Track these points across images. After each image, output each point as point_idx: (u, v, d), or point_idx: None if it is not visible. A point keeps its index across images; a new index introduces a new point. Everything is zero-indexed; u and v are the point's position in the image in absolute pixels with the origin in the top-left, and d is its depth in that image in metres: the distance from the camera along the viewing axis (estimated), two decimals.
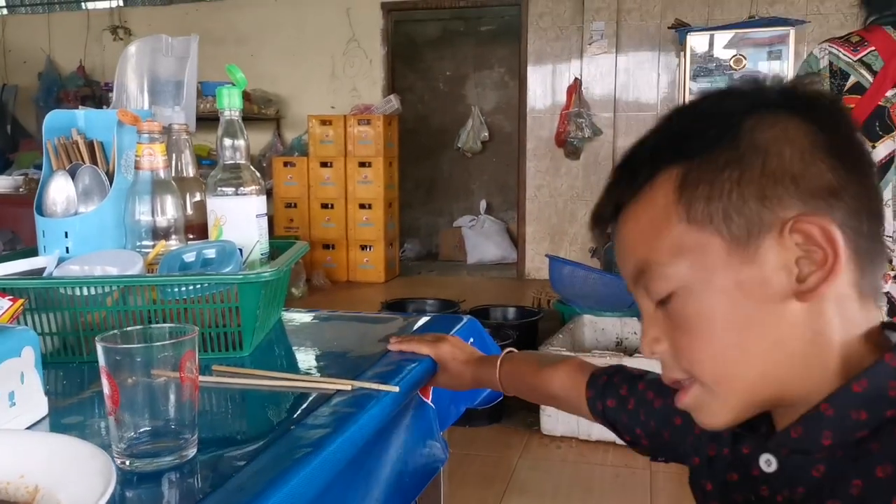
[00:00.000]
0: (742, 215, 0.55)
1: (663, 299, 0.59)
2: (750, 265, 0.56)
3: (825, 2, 5.54)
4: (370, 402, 0.88)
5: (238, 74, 1.20)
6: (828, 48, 2.25)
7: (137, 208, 1.13)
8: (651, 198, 0.59)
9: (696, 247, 0.57)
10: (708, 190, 0.56)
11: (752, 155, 0.56)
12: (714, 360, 0.58)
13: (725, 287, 0.56)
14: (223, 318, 1.06)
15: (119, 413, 0.71)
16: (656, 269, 0.59)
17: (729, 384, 0.58)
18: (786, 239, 0.55)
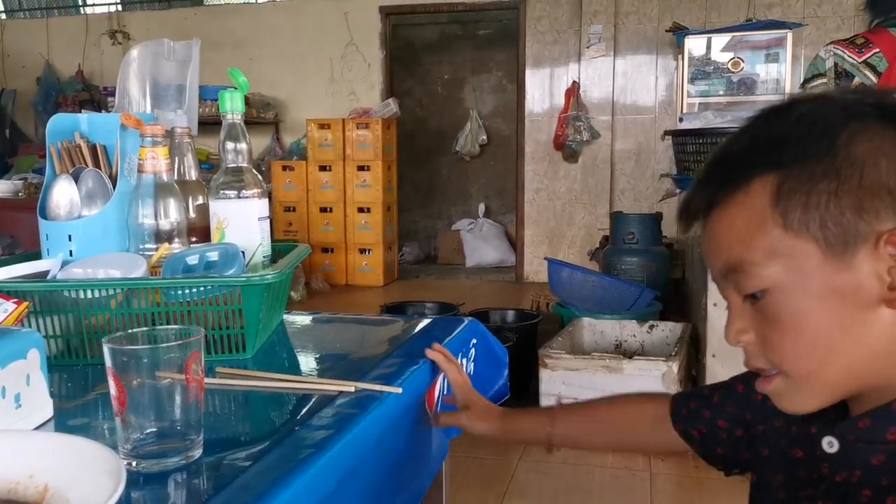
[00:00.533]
0: (839, 225, 0.58)
1: (753, 294, 0.62)
2: (844, 272, 0.58)
3: (822, 5, 5.57)
4: (373, 404, 0.89)
5: (240, 78, 1.21)
6: (833, 49, 2.27)
7: (140, 211, 1.14)
8: (747, 201, 0.61)
9: (792, 252, 0.60)
10: (805, 199, 0.58)
11: (848, 167, 0.57)
12: (802, 357, 0.61)
13: (819, 291, 0.59)
14: (226, 320, 1.07)
15: (125, 414, 0.72)
16: (750, 269, 0.62)
17: (815, 379, 0.62)
18: (880, 250, 0.57)
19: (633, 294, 3.65)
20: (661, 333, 3.42)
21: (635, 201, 6.07)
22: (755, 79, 4.86)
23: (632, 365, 2.86)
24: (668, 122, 5.90)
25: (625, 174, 6.15)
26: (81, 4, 7.39)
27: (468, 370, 1.24)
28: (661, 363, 2.82)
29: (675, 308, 4.11)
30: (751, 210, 0.61)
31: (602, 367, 2.89)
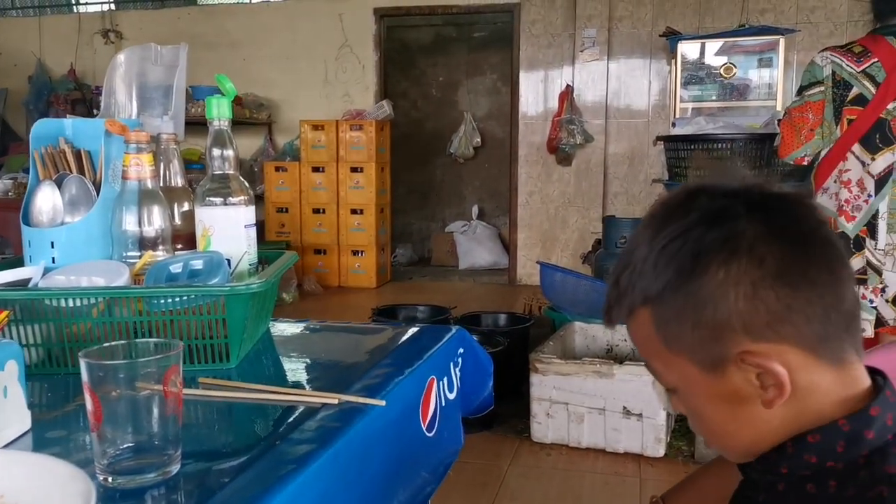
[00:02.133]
0: (703, 350, 0.68)
1: None
2: (721, 382, 0.68)
3: (815, 11, 5.58)
4: (357, 417, 0.88)
5: (227, 84, 1.20)
6: (830, 57, 2.25)
7: (124, 218, 1.13)
8: (637, 326, 0.72)
9: (678, 366, 0.70)
10: (674, 329, 0.69)
11: (701, 300, 0.66)
12: (710, 438, 0.75)
13: (707, 395, 0.70)
14: (210, 329, 1.06)
15: (102, 429, 0.70)
16: (656, 372, 0.74)
17: (725, 450, 0.75)
18: (743, 365, 0.67)
19: None
20: None
21: (628, 205, 6.07)
22: (748, 84, 4.87)
23: (623, 370, 2.86)
24: (662, 125, 5.91)
25: (618, 178, 6.15)
26: (74, 3, 7.35)
27: (456, 380, 1.23)
28: None
29: None
30: (642, 333, 0.72)
31: (593, 371, 2.89)
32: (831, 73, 2.23)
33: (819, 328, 0.66)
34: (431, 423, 1.10)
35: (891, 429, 0.66)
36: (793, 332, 0.65)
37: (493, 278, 6.75)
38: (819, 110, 2.24)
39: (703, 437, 0.76)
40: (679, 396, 0.73)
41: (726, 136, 2.85)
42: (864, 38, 2.28)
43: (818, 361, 0.67)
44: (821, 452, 0.66)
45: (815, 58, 2.29)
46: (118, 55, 1.35)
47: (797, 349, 0.66)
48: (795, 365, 0.66)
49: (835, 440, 0.66)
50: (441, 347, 1.19)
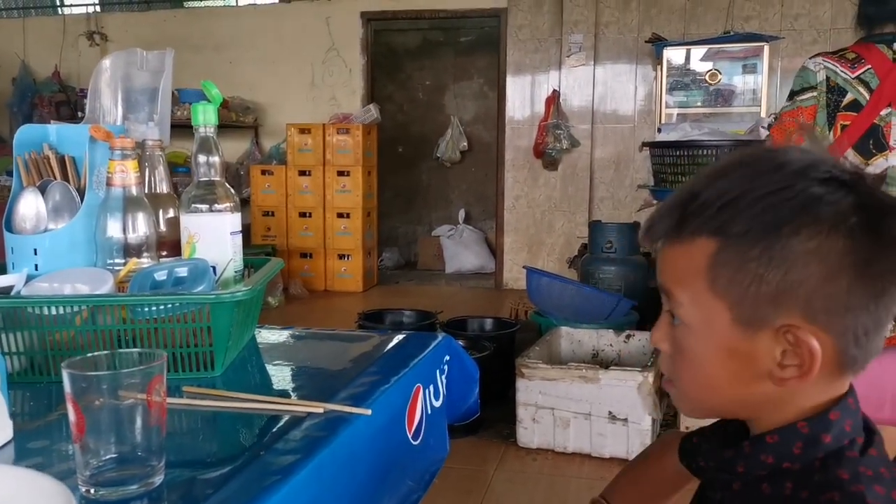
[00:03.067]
0: (753, 307, 0.65)
1: (674, 317, 0.72)
2: (745, 341, 0.67)
3: (798, 19, 5.63)
4: (342, 426, 0.88)
5: (213, 90, 1.19)
6: (823, 63, 2.25)
7: (108, 225, 1.12)
8: (689, 251, 0.68)
9: (709, 307, 0.67)
10: (732, 273, 0.65)
11: (779, 260, 0.63)
12: (692, 386, 0.72)
13: (720, 345, 0.68)
14: (195, 337, 1.05)
15: (84, 440, 0.70)
16: (675, 302, 0.71)
17: (697, 402, 0.73)
18: (780, 336, 0.65)
19: (610, 303, 3.66)
20: (637, 343, 3.43)
21: (614, 210, 6.10)
22: (733, 90, 4.90)
23: (608, 375, 2.87)
24: (647, 131, 5.94)
25: (604, 182, 6.17)
26: (59, 5, 7.30)
27: (442, 387, 1.23)
28: (636, 373, 2.83)
29: (652, 318, 4.12)
30: (689, 260, 0.68)
31: (579, 376, 2.90)
32: (825, 78, 2.24)
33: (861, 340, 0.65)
34: (417, 431, 1.10)
35: (848, 434, 0.66)
36: (840, 330, 0.64)
37: (480, 282, 6.75)
38: (810, 115, 2.25)
39: (671, 377, 0.73)
40: (680, 331, 0.70)
41: (712, 142, 2.87)
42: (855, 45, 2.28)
43: (837, 365, 0.66)
44: (778, 453, 0.67)
45: (808, 63, 2.29)
46: (103, 60, 1.34)
47: (833, 346, 0.65)
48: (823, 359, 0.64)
49: (792, 441, 0.66)
50: (427, 355, 1.19)
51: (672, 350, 0.72)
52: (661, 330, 0.73)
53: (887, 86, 2.17)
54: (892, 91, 2.17)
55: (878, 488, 0.63)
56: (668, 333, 0.72)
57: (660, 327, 0.73)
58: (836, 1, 5.55)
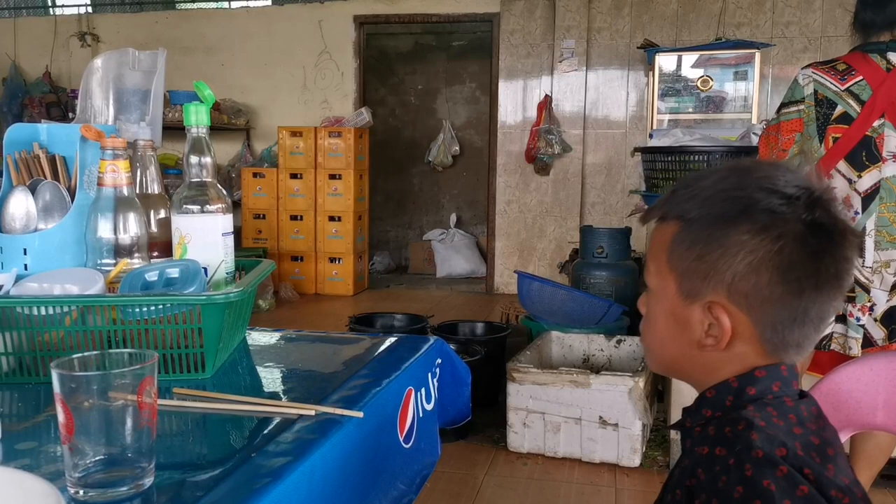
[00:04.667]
0: (691, 281, 0.78)
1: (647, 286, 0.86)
2: (685, 309, 0.80)
3: (789, 26, 5.66)
4: (334, 429, 0.87)
5: (206, 91, 1.19)
6: (812, 75, 2.25)
7: (99, 225, 1.11)
8: (662, 230, 0.82)
9: (665, 277, 0.81)
10: (683, 250, 0.78)
11: (716, 245, 0.76)
12: (650, 341, 0.86)
13: (667, 310, 0.82)
14: (185, 339, 1.05)
15: (73, 441, 0.69)
16: (648, 271, 0.84)
17: (654, 355, 0.87)
18: (706, 310, 0.78)
19: (601, 308, 3.66)
20: (628, 348, 3.43)
21: (605, 215, 6.11)
22: (724, 96, 4.93)
23: (599, 380, 2.87)
24: (639, 136, 5.96)
25: (595, 188, 6.19)
26: (50, 5, 7.26)
27: (434, 391, 1.22)
28: (627, 378, 2.83)
29: None
30: (660, 237, 0.82)
31: (570, 381, 2.90)
32: (813, 91, 2.23)
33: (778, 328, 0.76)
34: (409, 434, 1.09)
35: (774, 392, 0.76)
36: (758, 316, 0.76)
37: (471, 287, 6.75)
38: (790, 130, 2.26)
39: (643, 334, 0.87)
40: (649, 297, 0.85)
41: (704, 148, 2.88)
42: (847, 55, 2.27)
43: (761, 344, 0.77)
44: (714, 405, 0.78)
45: (798, 75, 2.29)
46: (95, 59, 1.33)
47: (753, 327, 0.76)
48: (741, 335, 0.77)
49: (725, 395, 0.78)
50: (419, 358, 1.19)
51: (645, 313, 0.87)
52: (643, 296, 0.87)
53: (880, 97, 2.16)
54: (884, 102, 2.16)
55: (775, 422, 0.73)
56: (644, 299, 0.87)
57: (643, 295, 0.87)
58: (826, 9, 5.58)
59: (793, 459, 0.68)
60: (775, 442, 0.70)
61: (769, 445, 0.69)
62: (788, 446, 0.70)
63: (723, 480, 0.68)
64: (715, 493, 0.68)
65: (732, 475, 0.68)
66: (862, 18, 2.23)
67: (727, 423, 0.74)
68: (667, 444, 2.94)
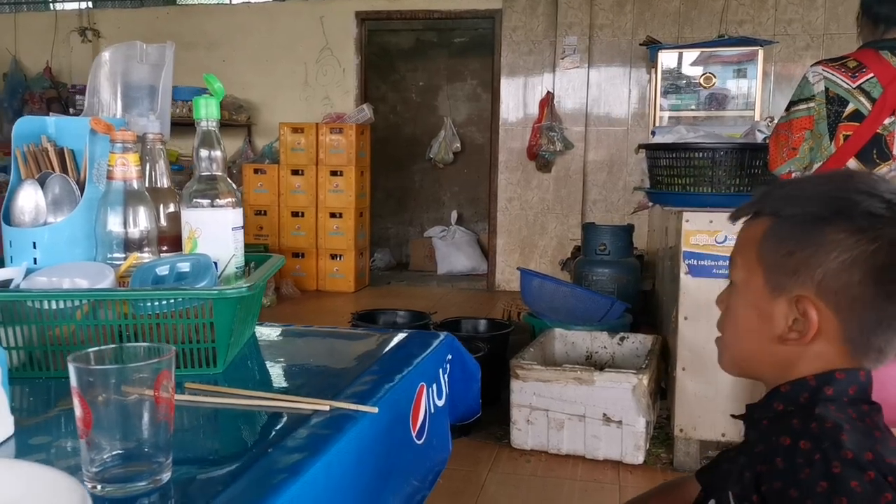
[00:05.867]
0: (779, 276, 0.80)
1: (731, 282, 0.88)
2: (769, 303, 0.81)
3: (792, 23, 5.65)
4: (349, 424, 0.87)
5: (216, 84, 1.18)
6: (822, 72, 2.23)
7: (109, 219, 1.10)
8: (753, 225, 0.84)
9: (752, 271, 0.83)
10: (774, 245, 0.81)
11: (809, 241, 0.77)
12: (730, 336, 0.88)
13: (752, 303, 0.84)
14: (197, 333, 1.04)
15: (91, 436, 0.68)
16: (733, 265, 0.87)
17: (728, 351, 0.88)
18: (792, 304, 0.79)
19: (604, 305, 3.66)
20: (631, 345, 3.43)
21: (607, 212, 6.10)
22: (726, 94, 4.92)
23: (603, 377, 2.86)
24: (641, 134, 5.95)
25: (597, 185, 6.18)
26: (51, 0, 7.24)
27: (445, 387, 1.22)
28: (631, 375, 2.83)
29: (646, 320, 4.13)
30: (752, 233, 0.84)
31: (573, 378, 2.89)
32: (824, 89, 2.21)
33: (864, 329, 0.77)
34: (421, 430, 1.09)
35: (850, 395, 0.77)
36: (846, 315, 0.77)
37: (472, 284, 6.74)
38: (800, 128, 2.24)
39: (720, 331, 0.89)
40: (731, 291, 0.87)
41: (709, 145, 2.86)
42: (857, 51, 2.25)
43: (844, 345, 0.78)
44: (787, 401, 0.80)
45: (807, 73, 2.27)
46: (103, 52, 1.32)
47: (839, 326, 0.77)
48: (825, 333, 0.78)
49: (801, 392, 0.79)
50: (430, 354, 1.18)
51: (724, 309, 0.88)
52: (723, 293, 0.89)
53: (890, 94, 2.14)
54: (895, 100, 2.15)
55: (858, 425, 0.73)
56: (725, 296, 0.88)
57: (723, 291, 0.90)
58: (829, 6, 5.57)
59: (879, 465, 0.69)
60: (864, 445, 0.70)
61: (858, 448, 0.70)
62: (876, 452, 0.70)
63: (805, 472, 0.69)
64: (795, 483, 0.69)
65: (817, 469, 0.69)
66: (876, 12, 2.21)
67: (811, 418, 0.75)
68: (670, 442, 2.94)
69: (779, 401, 0.81)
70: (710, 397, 2.79)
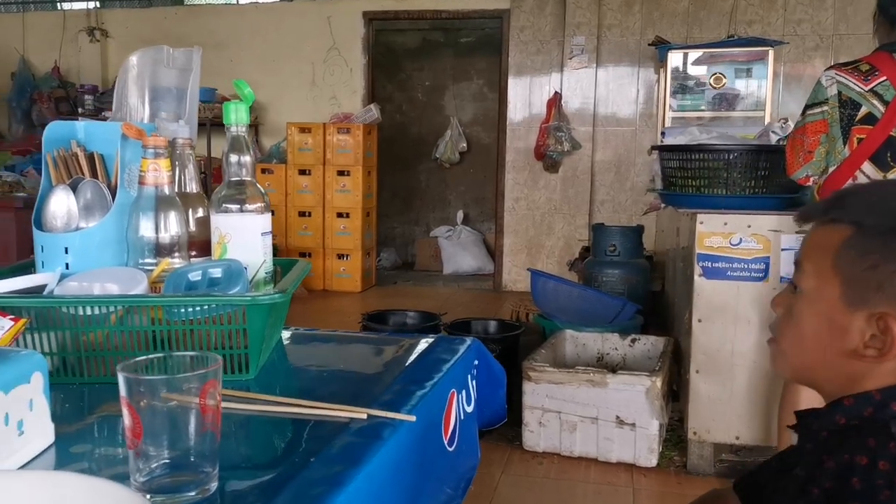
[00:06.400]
0: (860, 289, 0.77)
1: (796, 287, 0.85)
2: (844, 315, 0.79)
3: (801, 24, 5.64)
4: (387, 433, 0.86)
5: (246, 90, 1.18)
6: (835, 76, 2.23)
7: (141, 224, 1.10)
8: (828, 232, 0.81)
9: (825, 280, 0.80)
10: (855, 256, 0.78)
11: (894, 258, 0.75)
12: (791, 344, 0.85)
13: (822, 314, 0.81)
14: (229, 339, 1.04)
15: (140, 446, 0.68)
16: (801, 271, 0.84)
17: (788, 357, 0.86)
18: (872, 320, 0.77)
19: (615, 307, 3.66)
20: (643, 347, 3.43)
21: (614, 213, 6.10)
22: (736, 94, 4.91)
23: (616, 379, 2.86)
24: (649, 134, 5.95)
25: (604, 185, 6.17)
26: (59, 0, 7.25)
27: (473, 392, 1.22)
28: (644, 378, 2.82)
29: (655, 321, 4.12)
30: (825, 239, 0.81)
31: (586, 380, 2.89)
32: (837, 92, 2.21)
33: None
34: (452, 437, 1.09)
35: None
36: None
37: (478, 284, 6.74)
38: (816, 131, 2.24)
39: (777, 336, 0.87)
40: (797, 298, 0.84)
41: (724, 146, 2.86)
42: (871, 55, 2.25)
43: None
44: (850, 415, 0.78)
45: (821, 77, 2.27)
46: (131, 57, 1.32)
47: None
48: None
49: (865, 406, 0.77)
50: (460, 359, 1.18)
51: (784, 314, 0.86)
52: (781, 296, 0.87)
53: None
54: None
55: None
56: (786, 300, 0.86)
57: (780, 294, 0.88)
58: (838, 7, 5.56)
59: None
60: None
61: None
62: None
63: (885, 495, 0.68)
64: None
65: None
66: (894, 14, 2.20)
67: (889, 437, 0.73)
68: (683, 444, 2.93)
69: (841, 414, 0.79)
70: (725, 400, 2.79)
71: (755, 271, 2.69)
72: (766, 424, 2.76)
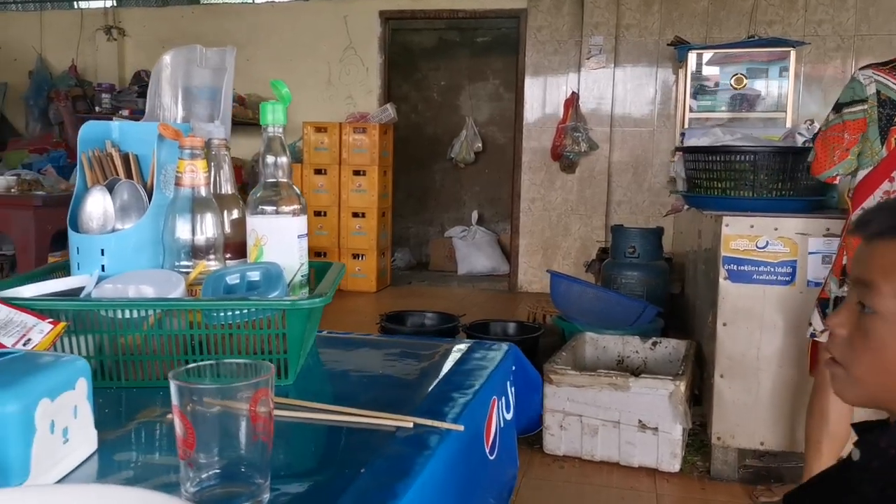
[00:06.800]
0: None
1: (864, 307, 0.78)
2: None
3: (822, 24, 5.59)
4: (434, 441, 0.84)
5: (283, 90, 1.16)
6: (873, 76, 2.20)
7: (177, 226, 1.09)
8: None
9: None
10: None
11: None
12: (868, 369, 0.78)
13: None
14: (268, 344, 1.02)
15: (193, 456, 0.67)
16: (875, 291, 0.77)
17: (864, 384, 0.80)
18: None
19: (636, 310, 3.62)
20: (664, 350, 3.40)
21: (631, 214, 6.06)
22: (757, 95, 4.87)
23: (638, 383, 2.83)
24: (666, 135, 5.90)
25: (621, 186, 6.13)
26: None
27: (512, 399, 1.19)
28: (668, 382, 2.79)
29: (675, 324, 4.09)
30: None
31: (608, 384, 2.86)
32: (875, 91, 2.18)
33: None
34: (493, 445, 1.07)
35: None
36: None
37: (492, 284, 6.71)
38: (856, 129, 2.20)
39: (843, 360, 0.80)
40: (870, 320, 0.77)
41: (751, 148, 2.82)
42: None
43: None
44: None
45: (857, 75, 2.23)
46: (164, 56, 1.31)
47: None
48: None
49: None
50: (499, 366, 1.16)
51: (850, 335, 0.79)
52: (843, 316, 0.81)
53: None
54: None
55: None
56: (849, 320, 0.80)
57: (841, 314, 0.81)
58: (860, 7, 5.50)
59: None
60: None
61: None
62: None
63: None
64: None
65: None
66: None
67: None
68: (706, 449, 2.90)
69: None
70: (749, 405, 2.75)
71: (782, 275, 2.66)
72: (792, 430, 2.72)
